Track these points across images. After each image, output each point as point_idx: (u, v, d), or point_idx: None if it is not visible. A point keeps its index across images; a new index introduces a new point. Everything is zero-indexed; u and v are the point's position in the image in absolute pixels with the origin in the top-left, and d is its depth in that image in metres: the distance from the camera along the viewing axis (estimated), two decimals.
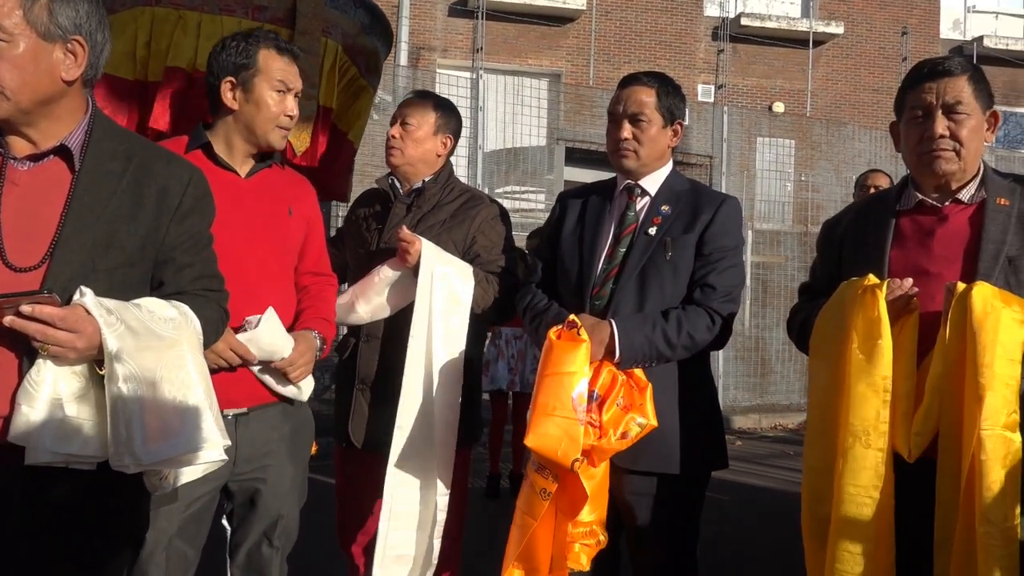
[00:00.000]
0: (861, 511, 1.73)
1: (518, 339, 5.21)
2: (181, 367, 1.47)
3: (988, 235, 1.81)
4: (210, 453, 1.50)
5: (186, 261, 1.59)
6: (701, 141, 9.37)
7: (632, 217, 2.21)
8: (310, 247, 2.19)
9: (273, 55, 2.00)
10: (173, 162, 1.60)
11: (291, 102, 2.03)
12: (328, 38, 2.48)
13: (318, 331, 2.09)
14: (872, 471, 1.73)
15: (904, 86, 1.95)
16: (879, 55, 14.05)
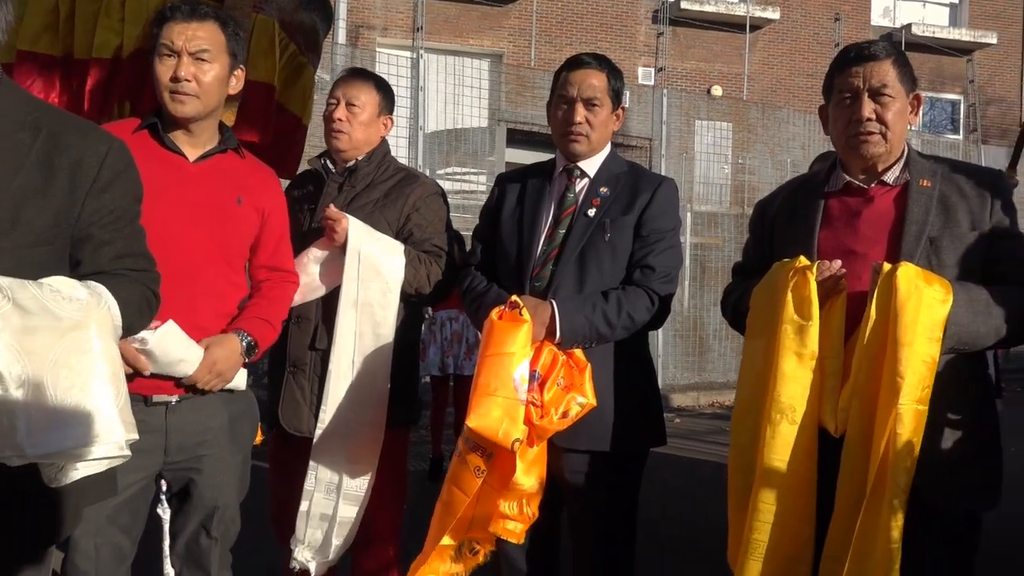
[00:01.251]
0: (781, 483, 1.79)
1: (452, 321, 5.19)
2: (84, 352, 1.33)
3: (911, 216, 1.86)
4: (107, 448, 1.34)
5: (105, 238, 1.49)
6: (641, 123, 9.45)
7: (571, 199, 2.22)
8: (265, 240, 2.11)
9: (168, 23, 1.91)
10: (89, 133, 1.49)
11: (184, 64, 1.90)
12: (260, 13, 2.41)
13: (249, 332, 2.00)
14: (796, 446, 1.78)
15: (832, 70, 1.99)
16: (813, 41, 14.37)
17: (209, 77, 1.93)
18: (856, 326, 1.78)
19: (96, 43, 2.25)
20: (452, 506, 1.98)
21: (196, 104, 1.93)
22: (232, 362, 1.96)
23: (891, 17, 14.98)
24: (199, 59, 1.91)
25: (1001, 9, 15.38)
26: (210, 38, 1.93)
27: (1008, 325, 1.78)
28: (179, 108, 1.92)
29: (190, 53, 1.90)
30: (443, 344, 5.19)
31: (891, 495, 1.67)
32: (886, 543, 1.67)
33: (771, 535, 1.79)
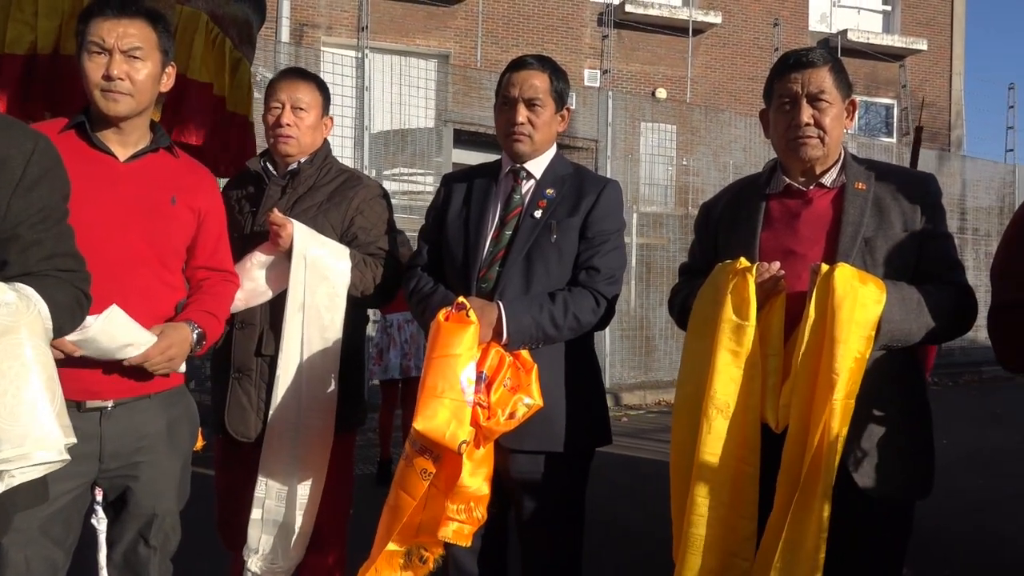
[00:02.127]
0: (715, 479, 1.83)
1: (409, 323, 5.15)
2: (15, 357, 1.31)
3: (847, 218, 1.93)
4: (47, 453, 1.32)
5: (33, 238, 1.44)
6: (587, 125, 9.52)
7: (518, 200, 2.22)
8: (203, 241, 2.06)
9: (95, 19, 1.86)
10: (12, 128, 1.44)
11: (117, 63, 1.84)
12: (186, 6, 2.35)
13: (199, 324, 1.97)
14: (732, 442, 1.82)
15: (772, 76, 2.05)
16: (754, 45, 14.68)
17: (142, 75, 1.88)
18: (797, 324, 1.83)
19: (8, 38, 2.17)
20: (399, 510, 1.96)
21: (130, 103, 1.88)
22: (183, 350, 1.92)
23: (828, 23, 15.38)
24: (132, 57, 1.86)
25: (930, 17, 15.94)
26: (141, 35, 1.88)
27: (938, 322, 1.85)
28: (112, 107, 1.86)
29: (122, 51, 1.85)
30: (403, 347, 5.14)
31: (822, 486, 1.72)
32: (816, 533, 1.72)
33: (709, 529, 1.83)
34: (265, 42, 7.88)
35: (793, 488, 1.76)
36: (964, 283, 1.96)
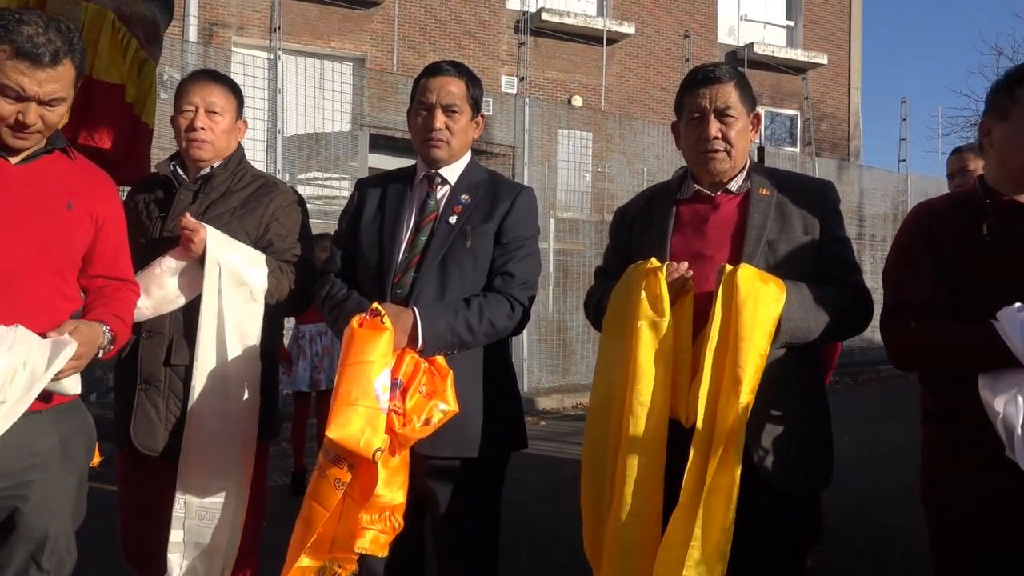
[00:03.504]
0: (641, 476, 1.87)
1: (322, 335, 5.06)
2: None
3: (752, 222, 2.02)
4: None
5: None
6: (504, 131, 9.58)
7: (433, 206, 2.22)
8: (101, 248, 1.94)
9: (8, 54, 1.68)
10: None
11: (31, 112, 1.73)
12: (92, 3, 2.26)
13: (110, 326, 1.86)
14: (655, 439, 1.87)
15: (682, 90, 2.13)
16: (666, 55, 15.08)
17: None
18: (705, 324, 1.89)
19: None
20: (312, 523, 1.92)
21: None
22: (91, 350, 1.80)
23: (736, 36, 15.94)
24: None
25: (830, 33, 16.72)
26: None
27: (835, 321, 1.94)
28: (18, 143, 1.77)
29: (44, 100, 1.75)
30: (313, 360, 5.04)
31: (729, 480, 1.78)
32: (722, 527, 1.78)
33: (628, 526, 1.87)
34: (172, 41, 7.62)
35: (700, 483, 1.81)
36: (861, 285, 2.06)
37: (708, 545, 1.78)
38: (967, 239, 1.83)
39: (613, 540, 1.88)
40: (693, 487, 1.83)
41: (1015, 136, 1.81)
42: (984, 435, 1.65)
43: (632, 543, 1.86)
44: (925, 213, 1.95)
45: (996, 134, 1.86)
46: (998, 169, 1.88)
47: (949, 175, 3.64)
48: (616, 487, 1.88)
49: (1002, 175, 1.87)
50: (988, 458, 1.67)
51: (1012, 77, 1.85)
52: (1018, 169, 1.82)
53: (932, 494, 1.91)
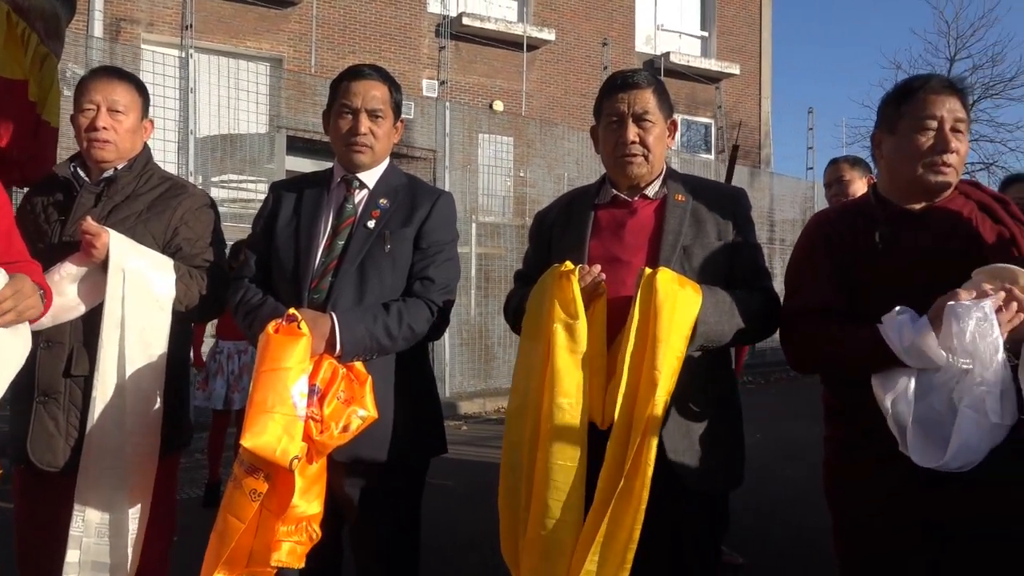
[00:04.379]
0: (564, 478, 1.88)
1: (241, 353, 4.90)
2: None
3: (668, 227, 2.06)
4: None
5: None
6: (425, 135, 9.53)
7: (350, 210, 2.19)
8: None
9: None
10: None
11: None
12: None
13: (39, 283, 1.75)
14: (572, 440, 1.88)
15: (601, 95, 2.16)
16: (585, 62, 15.29)
17: None
18: (622, 327, 1.92)
19: None
20: (227, 536, 1.86)
21: None
22: (32, 301, 1.70)
23: (653, 45, 16.30)
24: None
25: (742, 44, 17.28)
26: None
27: (748, 324, 2.00)
28: None
29: None
30: (229, 377, 4.88)
31: (641, 481, 1.81)
32: (630, 527, 1.81)
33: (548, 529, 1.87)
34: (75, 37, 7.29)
35: (614, 484, 1.83)
36: (771, 289, 2.13)
37: (614, 547, 1.80)
38: (861, 246, 1.93)
39: (533, 543, 1.88)
40: (607, 489, 1.84)
41: (902, 149, 1.91)
42: (880, 431, 1.73)
43: (552, 546, 1.87)
44: (823, 221, 2.05)
45: (886, 146, 1.97)
46: (888, 180, 1.99)
47: (826, 184, 3.78)
48: (536, 491, 1.89)
49: (892, 186, 1.98)
50: (886, 453, 1.76)
51: (899, 92, 1.95)
52: (906, 181, 1.93)
53: (834, 490, 2.00)
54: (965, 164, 1.94)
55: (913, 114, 1.89)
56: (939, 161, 1.86)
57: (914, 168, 1.89)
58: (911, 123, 1.89)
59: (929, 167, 1.88)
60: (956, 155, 1.87)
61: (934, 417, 1.69)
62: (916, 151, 1.89)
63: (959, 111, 1.87)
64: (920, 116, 1.88)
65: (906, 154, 1.91)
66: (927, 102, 1.88)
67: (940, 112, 1.86)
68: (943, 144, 1.85)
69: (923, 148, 1.87)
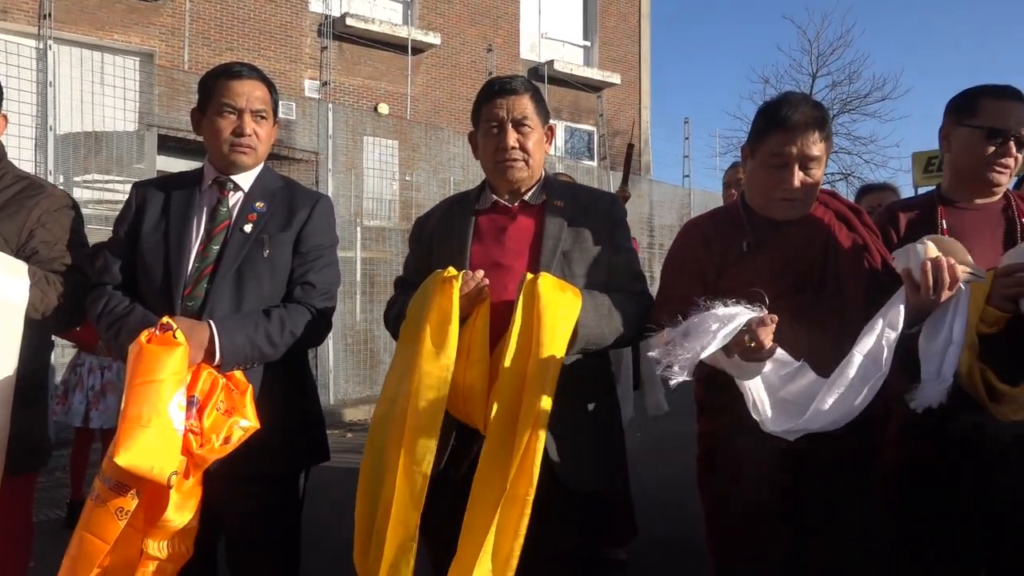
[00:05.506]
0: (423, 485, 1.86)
1: (105, 369, 4.61)
2: None
3: (548, 232, 2.09)
4: None
5: None
6: (307, 137, 9.30)
7: (225, 213, 2.12)
8: None
9: None
10: None
11: None
12: None
13: None
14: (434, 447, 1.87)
15: (479, 101, 2.18)
16: (471, 68, 15.35)
17: None
18: (505, 332, 1.93)
19: None
20: (86, 558, 1.75)
21: None
22: None
23: (537, 52, 16.55)
24: None
25: (622, 55, 17.82)
26: None
27: (625, 327, 2.06)
28: None
29: None
30: (88, 393, 4.57)
31: (525, 489, 1.83)
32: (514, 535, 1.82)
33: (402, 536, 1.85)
34: None
35: (493, 491, 1.84)
36: (647, 292, 2.21)
37: (500, 553, 1.81)
38: (728, 252, 2.04)
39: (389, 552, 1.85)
40: (485, 496, 1.84)
41: (756, 177, 2.06)
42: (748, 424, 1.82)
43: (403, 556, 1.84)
44: (693, 228, 2.16)
45: (749, 165, 2.10)
46: (749, 193, 2.11)
47: (725, 184, 4.02)
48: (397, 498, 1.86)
49: (751, 200, 2.11)
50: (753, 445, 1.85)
51: (764, 117, 2.05)
52: (759, 205, 2.08)
53: (705, 483, 2.10)
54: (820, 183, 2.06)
55: (767, 148, 2.00)
56: (782, 198, 1.99)
57: (763, 199, 2.03)
58: (764, 156, 2.01)
59: (773, 202, 2.01)
60: (802, 188, 1.98)
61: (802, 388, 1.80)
62: (765, 185, 2.02)
63: (812, 148, 1.96)
64: (771, 152, 1.99)
65: (758, 183, 2.05)
66: (779, 141, 1.97)
67: (791, 150, 1.96)
68: (788, 183, 1.97)
69: (770, 184, 2.00)
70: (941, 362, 1.81)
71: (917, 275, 1.81)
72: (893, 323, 1.82)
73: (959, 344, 1.82)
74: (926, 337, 1.84)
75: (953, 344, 1.82)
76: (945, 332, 1.82)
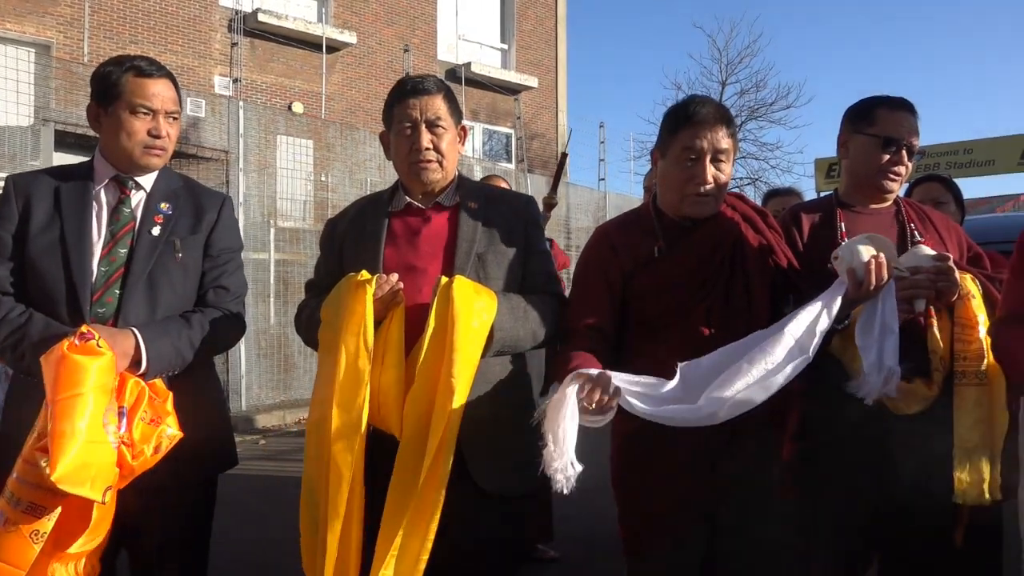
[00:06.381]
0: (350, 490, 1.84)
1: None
2: None
3: (462, 234, 2.08)
4: None
5: None
6: (216, 135, 9.01)
7: (129, 214, 2.03)
8: None
9: None
10: None
11: None
12: None
13: None
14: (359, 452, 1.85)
15: (391, 100, 2.16)
16: (388, 68, 15.19)
17: None
18: (419, 336, 1.91)
19: None
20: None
21: None
22: None
23: (455, 54, 16.52)
24: None
25: (539, 58, 17.97)
26: None
27: (542, 329, 2.07)
28: None
29: None
30: None
31: (436, 492, 1.82)
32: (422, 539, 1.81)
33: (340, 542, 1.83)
34: None
35: (407, 495, 1.83)
36: (561, 294, 2.23)
37: (407, 559, 1.80)
38: (640, 255, 2.08)
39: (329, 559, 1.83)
40: (399, 501, 1.83)
41: (668, 175, 2.11)
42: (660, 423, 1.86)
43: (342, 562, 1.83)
44: (603, 234, 2.20)
45: (660, 166, 2.15)
46: (662, 193, 2.16)
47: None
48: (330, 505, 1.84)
49: (664, 201, 2.16)
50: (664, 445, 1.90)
51: (672, 117, 2.11)
52: (672, 204, 2.12)
53: (619, 481, 2.13)
54: (730, 181, 2.13)
55: (679, 144, 2.05)
56: (696, 192, 2.04)
57: (677, 196, 2.08)
58: (676, 153, 2.06)
59: (687, 198, 2.06)
60: (715, 184, 2.05)
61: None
62: (678, 181, 2.06)
63: (721, 141, 2.04)
64: (683, 147, 2.04)
65: (670, 181, 2.09)
66: (690, 135, 2.03)
67: (702, 144, 2.02)
68: (701, 177, 2.02)
69: (683, 179, 2.05)
70: (881, 351, 1.88)
71: (860, 273, 1.89)
72: (830, 313, 1.88)
73: (896, 333, 1.90)
74: (862, 330, 1.92)
75: (891, 333, 1.89)
76: (879, 321, 1.90)
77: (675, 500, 2.00)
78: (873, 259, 1.90)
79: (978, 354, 1.98)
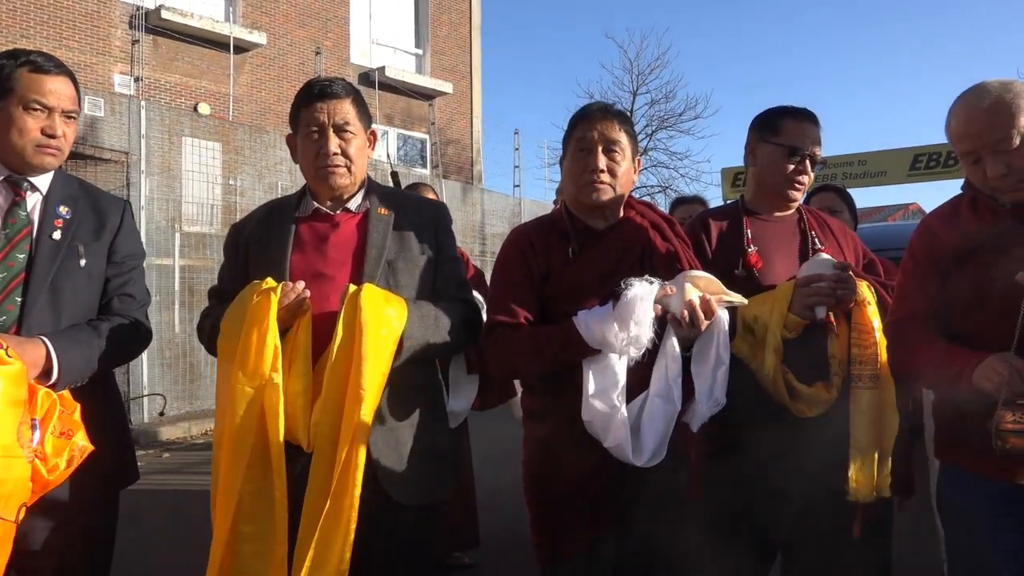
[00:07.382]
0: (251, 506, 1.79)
1: None
2: None
3: (372, 241, 2.06)
4: None
5: None
6: (116, 136, 8.64)
7: (25, 218, 1.93)
8: None
9: None
10: None
11: None
12: None
13: None
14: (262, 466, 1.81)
15: (298, 103, 2.11)
16: (299, 70, 14.88)
17: None
18: (327, 345, 1.87)
19: None
20: None
21: None
22: None
23: (369, 58, 16.33)
24: None
25: (454, 64, 17.96)
26: None
27: (451, 335, 2.06)
28: None
29: None
30: None
31: (350, 500, 1.79)
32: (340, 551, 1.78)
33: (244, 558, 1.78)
34: None
35: (321, 506, 1.79)
36: (472, 300, 2.22)
37: (326, 570, 1.76)
38: (554, 259, 2.10)
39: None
40: (313, 512, 1.79)
41: (567, 170, 2.17)
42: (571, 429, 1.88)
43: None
44: (520, 236, 2.21)
45: (563, 168, 2.20)
46: (566, 191, 2.22)
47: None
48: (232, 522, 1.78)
49: (569, 199, 2.21)
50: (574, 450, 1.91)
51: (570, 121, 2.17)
52: (572, 198, 2.17)
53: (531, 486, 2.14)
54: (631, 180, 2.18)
55: (574, 138, 2.13)
56: (590, 181, 2.09)
57: (575, 187, 2.12)
58: (572, 149, 2.13)
59: (583, 188, 2.10)
60: (608, 173, 2.09)
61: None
62: (574, 173, 2.12)
63: (612, 132, 2.10)
64: (577, 139, 2.11)
65: (569, 175, 2.16)
66: (582, 128, 2.11)
67: (592, 134, 2.09)
68: (592, 164, 2.07)
69: (578, 171, 2.11)
70: (712, 383, 1.96)
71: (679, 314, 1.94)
72: (673, 355, 1.94)
73: (727, 365, 1.97)
74: (697, 360, 1.99)
75: (722, 365, 1.97)
76: (713, 354, 1.97)
77: (586, 505, 2.02)
78: (686, 304, 1.94)
79: (872, 358, 2.07)
